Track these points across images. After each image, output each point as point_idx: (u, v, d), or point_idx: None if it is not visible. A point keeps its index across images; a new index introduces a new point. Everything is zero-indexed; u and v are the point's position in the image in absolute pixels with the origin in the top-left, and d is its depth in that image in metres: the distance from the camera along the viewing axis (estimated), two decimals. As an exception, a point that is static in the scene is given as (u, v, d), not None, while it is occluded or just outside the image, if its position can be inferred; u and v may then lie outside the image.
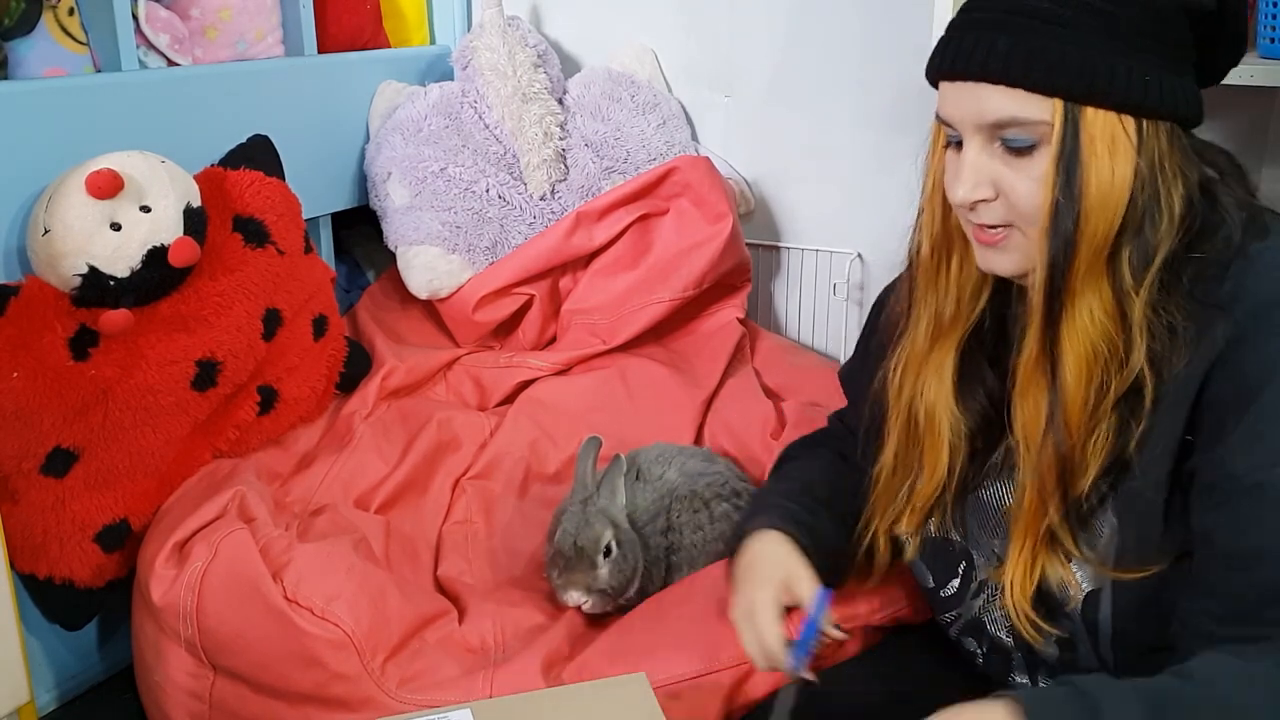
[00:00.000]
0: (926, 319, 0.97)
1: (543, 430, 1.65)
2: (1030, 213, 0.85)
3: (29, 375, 1.28)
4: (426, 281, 1.80)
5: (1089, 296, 0.84)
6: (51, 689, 1.48)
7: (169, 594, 1.25)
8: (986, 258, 0.90)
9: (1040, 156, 0.83)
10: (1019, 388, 0.90)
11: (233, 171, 1.54)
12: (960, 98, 0.86)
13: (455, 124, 1.82)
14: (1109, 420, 0.85)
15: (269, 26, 1.73)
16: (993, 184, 0.86)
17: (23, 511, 1.33)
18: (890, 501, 1.01)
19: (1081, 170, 0.81)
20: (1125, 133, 0.82)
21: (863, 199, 1.82)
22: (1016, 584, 0.91)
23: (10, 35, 1.42)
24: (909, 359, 0.98)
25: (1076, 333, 0.84)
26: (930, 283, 0.96)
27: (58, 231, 1.31)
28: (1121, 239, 0.83)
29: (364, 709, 1.18)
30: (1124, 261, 0.83)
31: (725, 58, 1.89)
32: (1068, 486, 0.87)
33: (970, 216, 0.89)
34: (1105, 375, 0.84)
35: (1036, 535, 0.90)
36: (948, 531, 1.01)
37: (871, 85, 1.76)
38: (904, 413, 0.99)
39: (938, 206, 0.94)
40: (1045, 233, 0.83)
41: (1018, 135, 0.83)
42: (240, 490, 1.37)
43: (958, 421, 0.96)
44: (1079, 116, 0.81)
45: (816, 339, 1.92)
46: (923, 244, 0.96)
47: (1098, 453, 0.86)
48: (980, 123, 0.85)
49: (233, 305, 1.43)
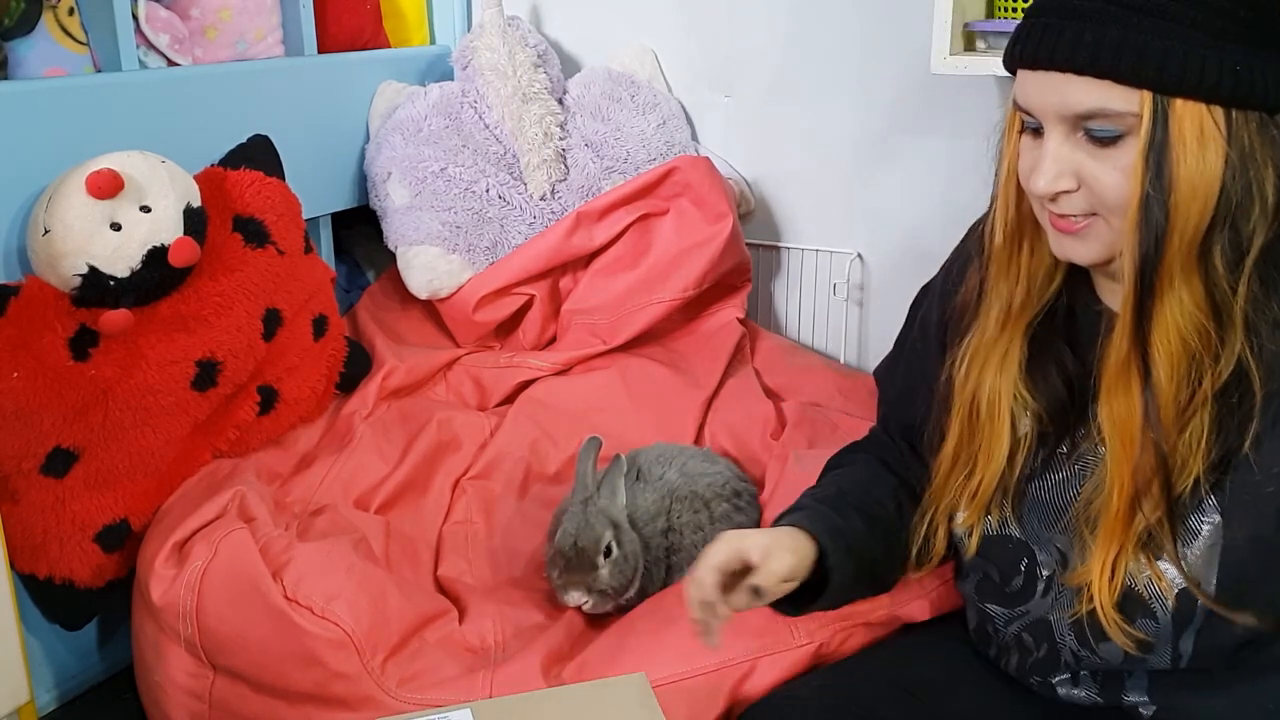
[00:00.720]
0: (999, 307, 0.95)
1: (543, 430, 1.65)
2: (1117, 204, 0.83)
3: (29, 375, 1.28)
4: (426, 281, 1.80)
5: (1179, 290, 0.82)
6: (51, 689, 1.48)
7: (169, 594, 1.25)
8: (1064, 245, 0.88)
9: (1126, 147, 0.82)
10: (1106, 384, 0.88)
11: (233, 171, 1.54)
12: (1043, 87, 0.84)
13: (455, 124, 1.82)
14: (1204, 415, 0.83)
15: (269, 26, 1.73)
16: (1075, 175, 0.84)
17: (23, 511, 1.33)
18: (948, 493, 1.00)
19: (1171, 162, 0.80)
20: (1215, 123, 0.80)
21: (863, 199, 1.82)
22: (1104, 588, 0.89)
23: (10, 35, 1.42)
24: (977, 349, 0.97)
25: (1167, 327, 0.83)
26: (1003, 271, 0.94)
27: (58, 231, 1.31)
28: (1213, 231, 0.81)
29: (364, 708, 1.18)
30: (1216, 254, 0.82)
31: (725, 58, 1.89)
32: (1171, 485, 0.85)
33: (1051, 207, 0.87)
34: (1198, 370, 0.83)
35: (1127, 537, 0.88)
36: (1007, 526, 0.99)
37: (871, 85, 1.76)
38: (967, 403, 0.97)
39: (1012, 193, 0.92)
40: (1135, 226, 0.82)
41: (1104, 126, 0.82)
42: (240, 490, 1.37)
43: (1022, 407, 0.94)
44: (1168, 108, 0.80)
45: (816, 339, 1.92)
46: (996, 232, 0.94)
47: (1194, 450, 0.84)
48: (1065, 113, 0.83)
49: (233, 305, 1.43)
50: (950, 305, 1.02)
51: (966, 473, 0.98)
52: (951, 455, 0.99)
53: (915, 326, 1.10)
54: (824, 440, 1.57)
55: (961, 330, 0.99)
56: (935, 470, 1.02)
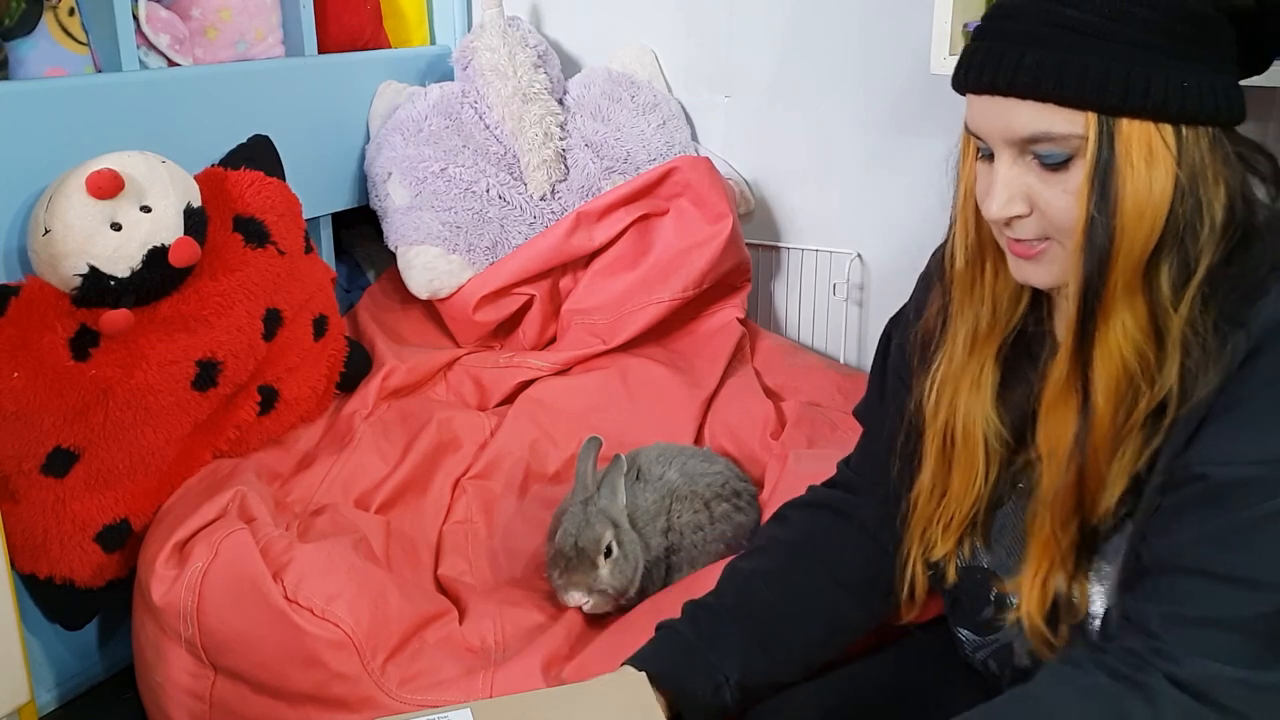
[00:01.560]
0: (965, 331, 0.93)
1: (543, 430, 1.65)
2: (1067, 226, 0.81)
3: (29, 375, 1.28)
4: (427, 281, 1.80)
5: (1123, 312, 0.81)
6: (52, 689, 1.48)
7: (169, 594, 1.25)
8: (1022, 270, 0.87)
9: (1075, 170, 0.80)
10: (1046, 403, 0.87)
11: (233, 171, 1.54)
12: (989, 112, 0.83)
13: (455, 124, 1.82)
14: (1135, 438, 0.82)
15: (269, 26, 1.73)
16: (1026, 199, 0.83)
17: (23, 511, 1.34)
18: (926, 526, 0.98)
19: (1117, 184, 0.78)
20: (1164, 142, 0.78)
21: (863, 199, 1.82)
22: (1033, 600, 0.89)
23: (11, 35, 1.42)
24: (946, 375, 0.94)
25: (1109, 350, 0.81)
26: (966, 295, 0.93)
27: (58, 231, 1.31)
28: (1160, 252, 0.80)
29: (364, 709, 1.18)
30: (1162, 275, 0.80)
31: (725, 58, 1.89)
32: (1085, 506, 0.85)
33: (1006, 231, 0.86)
34: (1135, 393, 0.81)
35: (1054, 554, 0.87)
36: (978, 556, 0.98)
37: (871, 85, 1.76)
38: (940, 432, 0.95)
39: (970, 217, 0.90)
40: (1079, 248, 0.80)
41: (1050, 150, 0.80)
42: (240, 490, 1.37)
43: (996, 431, 0.92)
44: (1114, 129, 0.78)
45: (816, 339, 1.92)
46: (957, 256, 0.92)
47: (1122, 472, 0.83)
48: (1010, 137, 0.82)
49: (233, 305, 1.44)
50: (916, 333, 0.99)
51: (944, 500, 0.96)
52: (929, 488, 0.97)
53: (887, 359, 1.07)
54: (824, 440, 1.57)
55: (928, 359, 0.96)
56: (912, 504, 0.99)
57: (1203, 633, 0.76)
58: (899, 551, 1.01)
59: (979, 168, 0.87)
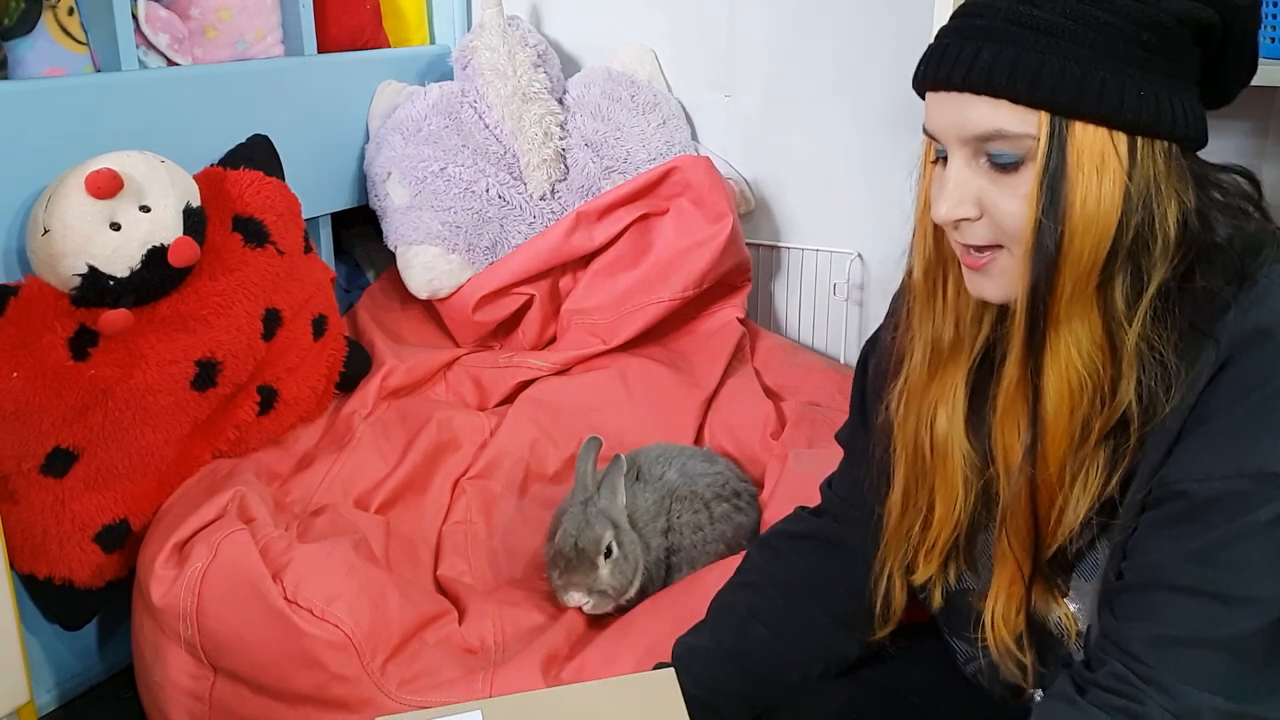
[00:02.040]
0: (922, 345, 0.91)
1: (543, 430, 1.65)
2: (1016, 232, 0.80)
3: (29, 375, 1.28)
4: (426, 281, 1.80)
5: (1076, 325, 0.79)
6: (51, 689, 1.48)
7: (169, 594, 1.25)
8: (975, 283, 0.85)
9: (1026, 173, 0.78)
10: (999, 415, 0.85)
11: (232, 171, 1.54)
12: (944, 109, 0.81)
13: (455, 124, 1.82)
14: (1099, 457, 0.81)
15: (269, 26, 1.73)
16: (977, 202, 0.81)
17: (23, 511, 1.33)
18: (901, 543, 0.96)
19: (1067, 188, 0.77)
20: (1115, 151, 0.77)
21: (863, 199, 1.82)
22: (998, 616, 0.88)
23: (10, 35, 1.42)
24: (910, 389, 0.93)
25: (1060, 362, 0.80)
26: (925, 307, 0.91)
27: (57, 231, 1.31)
28: (1113, 265, 0.78)
29: (364, 710, 1.18)
30: (1116, 289, 0.79)
31: (725, 58, 1.89)
32: (1041, 521, 0.83)
33: (955, 236, 0.84)
34: (1090, 409, 0.80)
35: (1013, 569, 0.86)
36: (964, 580, 0.96)
37: (871, 86, 1.76)
38: (910, 446, 0.93)
39: (929, 226, 0.88)
40: (1028, 253, 0.78)
41: (1003, 150, 0.79)
42: (240, 490, 1.37)
43: (967, 455, 0.90)
44: (1066, 131, 0.76)
45: (816, 339, 1.92)
46: (915, 267, 0.90)
47: (1086, 492, 0.81)
48: (964, 135, 0.80)
49: (232, 305, 1.43)
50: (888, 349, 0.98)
51: (920, 524, 0.94)
52: (900, 502, 0.95)
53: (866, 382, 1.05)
54: (824, 440, 1.57)
55: (894, 369, 0.95)
56: (885, 519, 0.97)
57: (1187, 654, 0.75)
58: (873, 567, 0.99)
59: (934, 173, 0.85)
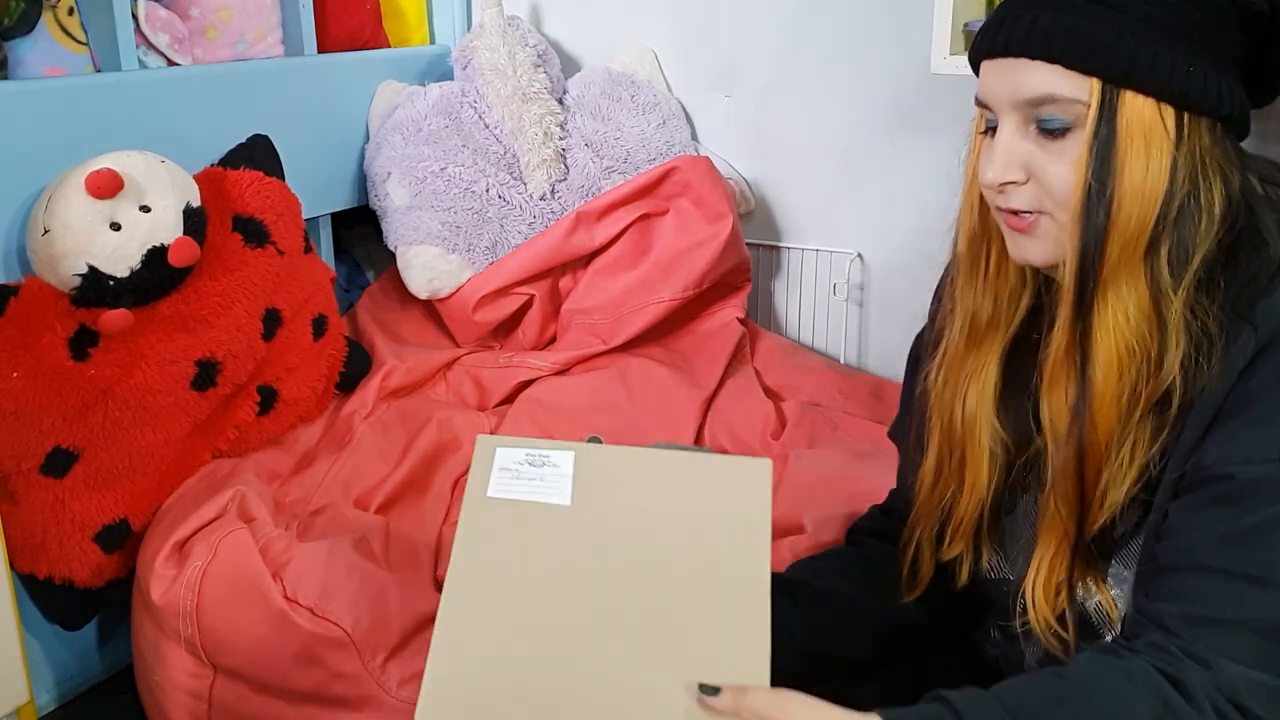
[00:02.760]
0: (963, 318, 0.94)
1: (543, 430, 1.65)
2: (1062, 197, 0.83)
3: (29, 375, 1.28)
4: (426, 281, 1.80)
5: (1124, 292, 0.81)
6: (51, 689, 1.48)
7: (169, 594, 1.25)
8: (1018, 245, 0.88)
9: (1075, 140, 0.81)
10: (1047, 381, 0.87)
11: (233, 171, 1.54)
12: (999, 76, 0.84)
13: (455, 124, 1.82)
14: (1145, 429, 0.82)
15: (269, 26, 1.73)
16: (1024, 166, 0.84)
17: (23, 511, 1.33)
18: (932, 512, 0.98)
19: (1116, 156, 0.80)
20: (1163, 122, 0.80)
21: (863, 199, 1.82)
22: (1039, 592, 0.88)
23: (10, 35, 1.42)
24: (949, 362, 0.95)
25: (1109, 328, 0.82)
26: (968, 279, 0.94)
27: (57, 231, 1.31)
28: (1159, 234, 0.81)
29: (364, 708, 1.18)
30: (1162, 258, 0.81)
31: (725, 58, 1.89)
32: (1089, 490, 0.85)
33: (999, 200, 0.86)
34: (1137, 377, 0.82)
35: (1058, 539, 0.87)
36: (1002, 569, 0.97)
37: (871, 85, 1.76)
38: (946, 417, 0.95)
39: (975, 199, 0.92)
40: (1076, 219, 0.81)
41: (1054, 114, 0.81)
42: (240, 490, 1.37)
43: (998, 433, 0.93)
44: (1116, 100, 0.80)
45: (816, 339, 1.92)
46: (960, 238, 0.94)
47: (1132, 464, 0.83)
48: (1016, 100, 0.83)
49: (232, 305, 1.43)
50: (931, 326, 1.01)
51: (950, 499, 0.96)
52: (933, 470, 0.97)
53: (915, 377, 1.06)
54: (824, 440, 1.57)
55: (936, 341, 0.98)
56: (917, 488, 0.99)
57: (1223, 633, 0.76)
58: (904, 529, 1.01)
59: (983, 144, 0.88)
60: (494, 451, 0.94)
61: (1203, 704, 0.74)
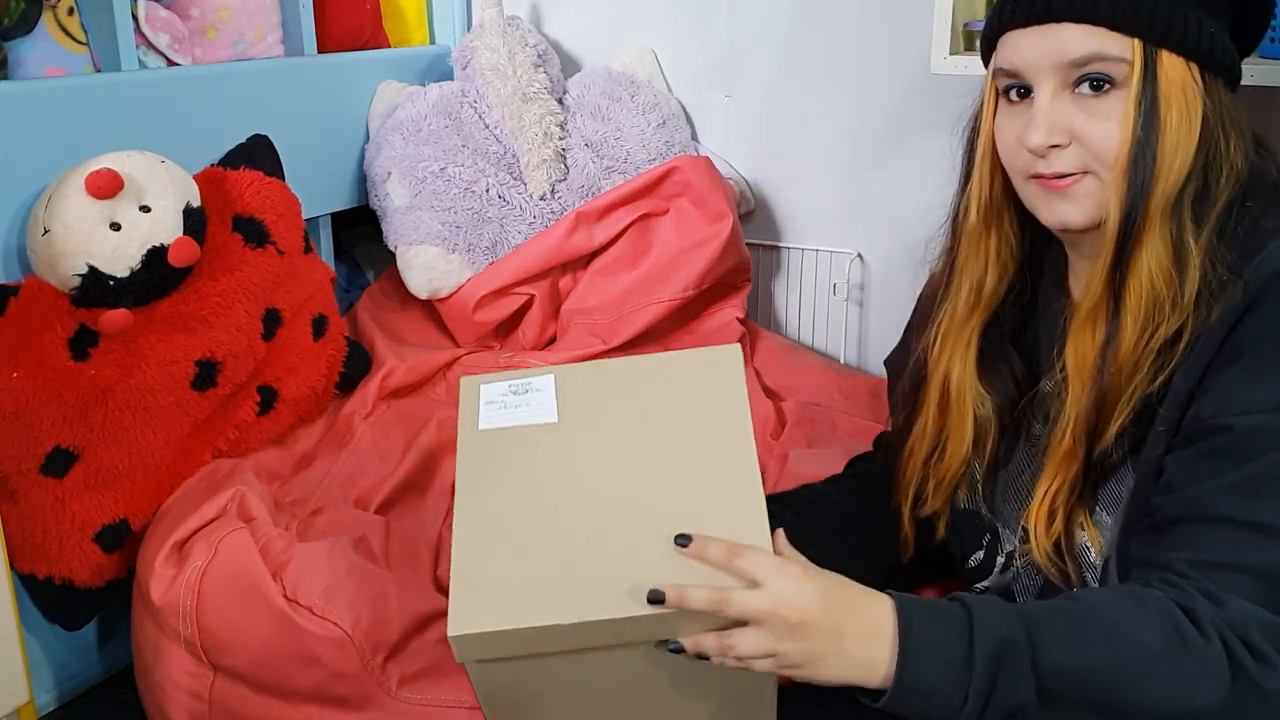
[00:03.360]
0: (968, 287, 0.98)
1: (543, 430, 1.65)
2: (1108, 155, 0.86)
3: (29, 375, 1.28)
4: (426, 281, 1.80)
5: (1156, 239, 0.85)
6: (51, 689, 1.48)
7: (169, 594, 1.25)
8: (1055, 209, 0.90)
9: (1116, 98, 0.85)
10: (1076, 325, 0.91)
11: (232, 171, 1.54)
12: (1037, 41, 0.87)
13: (455, 124, 1.82)
14: (1154, 365, 0.86)
15: (269, 26, 1.73)
16: (1068, 130, 0.87)
17: (23, 511, 1.33)
18: (917, 476, 1.02)
19: (1159, 112, 0.84)
20: (1194, 79, 0.85)
21: (863, 199, 1.82)
22: (1041, 521, 0.92)
23: (10, 35, 1.42)
24: (948, 328, 0.99)
25: (1141, 275, 0.85)
26: (974, 250, 0.97)
27: (57, 231, 1.31)
28: (1188, 185, 0.85)
29: (364, 708, 1.18)
30: (1186, 208, 0.85)
31: (725, 58, 1.89)
32: (1100, 429, 0.88)
33: (1040, 166, 0.89)
34: (1159, 319, 0.85)
35: (1066, 475, 0.90)
36: (977, 505, 1.01)
37: (871, 85, 1.76)
38: (941, 378, 0.99)
39: (987, 172, 0.95)
40: (1124, 172, 0.85)
41: (1099, 71, 0.85)
42: (240, 490, 1.37)
43: (982, 398, 0.97)
44: (1156, 59, 0.84)
45: (816, 339, 1.92)
46: (971, 209, 0.97)
47: (1135, 396, 0.86)
48: (1060, 62, 0.86)
49: (232, 305, 1.43)
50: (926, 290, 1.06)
51: (936, 458, 1.01)
52: (925, 434, 1.01)
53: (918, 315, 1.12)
54: (824, 440, 1.57)
55: (934, 308, 1.02)
56: (909, 450, 1.03)
57: (1231, 576, 0.78)
58: (895, 490, 1.05)
59: (1006, 111, 0.92)
60: (478, 389, 1.00)
61: (1210, 634, 0.76)
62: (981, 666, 0.76)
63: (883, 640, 0.78)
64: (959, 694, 0.76)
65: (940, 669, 0.77)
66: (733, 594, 0.78)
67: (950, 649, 0.77)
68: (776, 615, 0.77)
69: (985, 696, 0.76)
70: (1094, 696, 0.77)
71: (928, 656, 0.77)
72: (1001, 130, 0.92)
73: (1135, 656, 0.76)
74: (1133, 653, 0.76)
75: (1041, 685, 0.76)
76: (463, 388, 1.00)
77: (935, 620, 0.78)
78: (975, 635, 0.77)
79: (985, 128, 0.95)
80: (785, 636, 0.78)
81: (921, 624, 0.78)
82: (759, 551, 0.81)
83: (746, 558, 0.80)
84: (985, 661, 0.76)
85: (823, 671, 0.79)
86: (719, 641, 0.80)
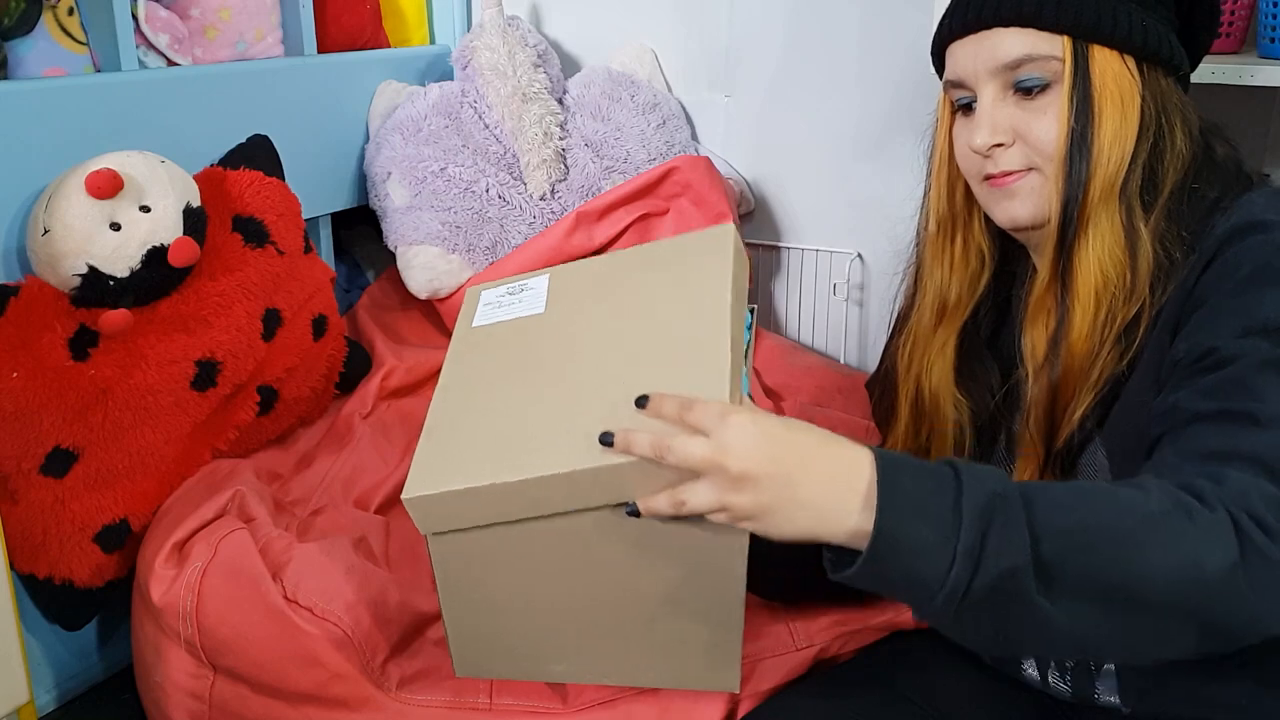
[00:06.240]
0: (932, 295, 1.00)
1: (543, 430, 1.65)
2: (1048, 150, 0.89)
3: (29, 375, 1.28)
4: (426, 281, 1.80)
5: (1102, 226, 0.88)
6: (51, 689, 1.48)
7: (169, 594, 1.25)
8: (1005, 208, 0.93)
9: (1052, 94, 0.90)
10: (1029, 315, 0.93)
11: (232, 171, 1.54)
12: (973, 50, 0.92)
13: (455, 124, 1.82)
14: (1115, 351, 0.88)
15: (269, 26, 1.73)
16: (1010, 129, 0.91)
17: (22, 511, 1.33)
18: None
19: (1094, 103, 0.88)
20: (1129, 71, 0.89)
21: (863, 199, 1.82)
22: None
23: (10, 35, 1.42)
24: (915, 336, 1.01)
25: (1089, 262, 0.88)
26: (936, 259, 1.00)
27: (57, 231, 1.31)
28: (1132, 171, 0.88)
29: (364, 709, 1.18)
30: (1134, 194, 0.88)
31: (725, 58, 1.89)
32: (1056, 415, 0.90)
33: (988, 166, 0.92)
34: (1113, 304, 0.88)
35: (1037, 464, 0.92)
36: None
37: (871, 85, 1.76)
38: (912, 390, 1.01)
39: (944, 182, 0.98)
40: (1062, 165, 0.88)
41: (1031, 73, 0.89)
42: (240, 490, 1.37)
43: (962, 405, 0.99)
44: (1087, 54, 0.88)
45: (816, 339, 1.92)
46: (930, 219, 1.00)
47: (1099, 382, 0.88)
48: (994, 67, 0.90)
49: (232, 305, 1.43)
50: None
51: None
52: (902, 440, 1.03)
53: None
54: (824, 440, 1.57)
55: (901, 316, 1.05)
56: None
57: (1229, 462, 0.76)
58: None
59: (959, 122, 0.96)
60: (479, 294, 1.01)
61: (1214, 504, 0.72)
62: (970, 519, 0.69)
63: (852, 490, 0.71)
64: (945, 555, 0.68)
65: (924, 522, 0.69)
66: (674, 440, 0.75)
67: (936, 502, 0.70)
68: (715, 463, 0.73)
69: (975, 559, 0.68)
70: (1096, 567, 0.70)
71: (910, 508, 0.69)
72: (957, 141, 0.96)
73: (1137, 520, 0.71)
74: (1135, 516, 0.71)
75: (1037, 550, 0.69)
76: (466, 296, 1.03)
77: (919, 473, 0.72)
78: (964, 488, 0.70)
79: (940, 140, 0.99)
80: (728, 487, 0.73)
81: (902, 475, 0.71)
82: (711, 403, 0.76)
83: (696, 409, 0.76)
84: (975, 515, 0.69)
85: (777, 525, 0.73)
86: (671, 496, 0.77)
